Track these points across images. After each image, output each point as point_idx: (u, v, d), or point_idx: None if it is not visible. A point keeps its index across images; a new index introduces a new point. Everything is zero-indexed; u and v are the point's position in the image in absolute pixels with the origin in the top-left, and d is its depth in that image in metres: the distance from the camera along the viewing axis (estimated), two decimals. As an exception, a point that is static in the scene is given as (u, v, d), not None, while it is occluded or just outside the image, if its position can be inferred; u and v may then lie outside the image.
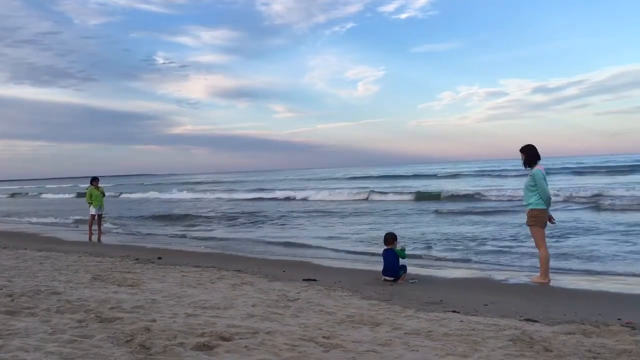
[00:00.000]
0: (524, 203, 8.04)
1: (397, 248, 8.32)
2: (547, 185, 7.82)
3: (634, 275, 8.25)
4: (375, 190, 32.92)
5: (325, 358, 3.62)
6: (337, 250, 11.96)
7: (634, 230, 12.63)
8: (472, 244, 11.96)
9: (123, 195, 49.51)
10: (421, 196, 28.12)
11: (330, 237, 14.13)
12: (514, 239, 12.15)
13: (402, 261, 8.20)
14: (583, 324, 5.10)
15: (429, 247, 11.75)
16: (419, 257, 10.46)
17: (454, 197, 26.71)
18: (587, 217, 16.06)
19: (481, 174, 51.60)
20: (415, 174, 58.94)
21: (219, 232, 16.81)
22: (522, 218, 8.46)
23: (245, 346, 3.81)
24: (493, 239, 12.45)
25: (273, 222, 19.23)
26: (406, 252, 8.43)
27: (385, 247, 8.34)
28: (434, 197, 27.76)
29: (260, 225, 18.39)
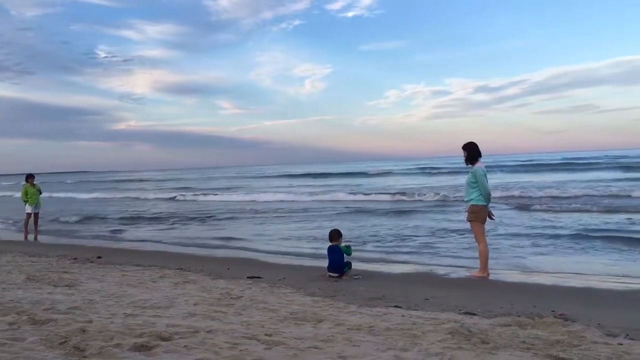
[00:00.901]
0: (465, 199, 8.24)
1: (342, 245, 8.38)
2: (487, 182, 8.03)
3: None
4: (303, 190, 32.34)
5: (266, 355, 3.59)
6: (278, 249, 11.88)
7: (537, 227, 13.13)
8: (410, 240, 12.13)
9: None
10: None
11: (269, 235, 14.01)
12: (453, 234, 12.41)
13: (347, 257, 8.26)
14: (519, 316, 5.27)
15: (366, 244, 11.82)
16: (364, 253, 10.52)
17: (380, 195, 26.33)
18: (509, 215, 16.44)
19: (417, 171, 52.18)
20: (348, 171, 59.01)
21: (154, 231, 16.32)
22: (443, 216, 8.63)
23: (185, 345, 3.75)
24: (431, 235, 12.68)
25: (211, 220, 18.76)
26: (351, 249, 8.49)
27: (330, 244, 8.38)
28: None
29: (197, 224, 17.89)
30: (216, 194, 33.16)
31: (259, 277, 7.90)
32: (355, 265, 8.45)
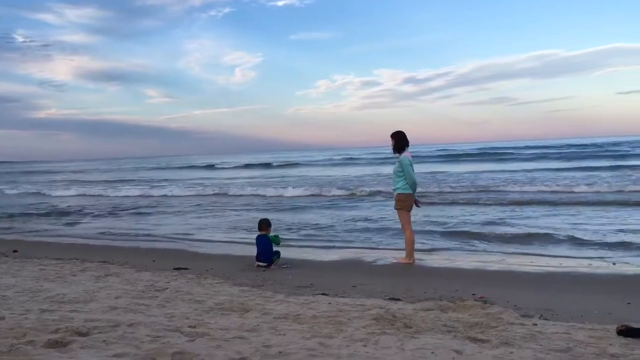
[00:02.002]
0: (393, 187, 8.38)
1: (271, 234, 8.34)
2: (413, 171, 8.19)
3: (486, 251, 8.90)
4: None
5: (189, 347, 3.52)
6: (207, 239, 11.66)
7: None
8: (339, 228, 12.24)
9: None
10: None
11: (195, 226, 13.73)
12: (381, 222, 12.61)
13: (275, 247, 8.24)
14: (441, 300, 5.43)
15: (296, 232, 11.83)
16: (292, 242, 10.52)
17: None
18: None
19: (329, 162, 52.12)
20: (262, 162, 58.03)
21: (75, 224, 15.54)
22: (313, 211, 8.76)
23: (104, 340, 3.61)
24: (361, 222, 12.85)
25: (134, 213, 17.87)
26: (280, 239, 8.47)
27: (259, 233, 8.32)
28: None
29: (120, 216, 17.02)
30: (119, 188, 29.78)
31: (185, 269, 7.75)
32: (285, 254, 8.43)
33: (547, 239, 9.66)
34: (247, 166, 53.76)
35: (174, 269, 7.74)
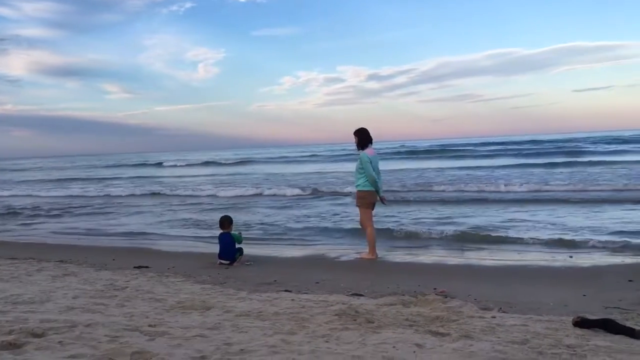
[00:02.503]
0: (354, 185, 8.40)
1: (234, 232, 8.28)
2: (372, 168, 8.11)
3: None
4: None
5: (148, 347, 3.46)
6: (169, 237, 11.49)
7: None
8: (299, 224, 12.24)
9: None
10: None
11: (155, 224, 13.52)
12: (344, 219, 12.64)
13: (238, 245, 8.17)
14: (403, 295, 5.48)
15: (259, 230, 11.77)
16: (255, 239, 10.46)
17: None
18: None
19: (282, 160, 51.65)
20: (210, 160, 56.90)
21: (31, 223, 15.20)
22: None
23: (60, 341, 3.52)
24: (322, 219, 12.87)
25: (93, 211, 17.43)
26: (242, 237, 8.40)
27: (222, 231, 8.25)
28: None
29: (78, 214, 16.56)
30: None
31: (146, 267, 7.62)
32: (248, 251, 8.38)
33: (503, 235, 9.83)
34: (207, 164, 52.52)
35: (135, 267, 7.61)
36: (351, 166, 9.82)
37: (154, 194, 22.57)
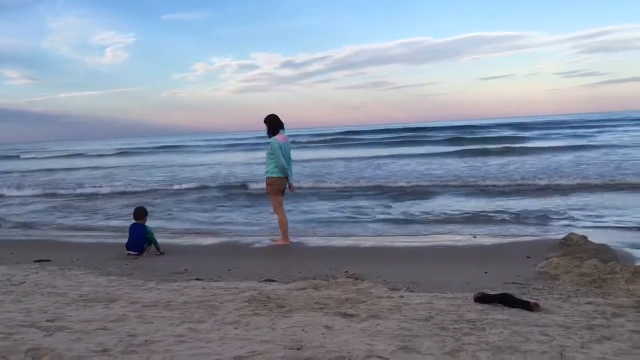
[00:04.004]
0: (265, 171, 8.32)
1: (147, 226, 7.97)
2: (282, 154, 8.04)
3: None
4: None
5: (46, 342, 3.28)
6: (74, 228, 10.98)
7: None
8: (214, 212, 12.07)
9: None
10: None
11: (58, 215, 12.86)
12: (256, 206, 12.58)
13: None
14: (315, 279, 5.51)
15: (174, 220, 11.51)
16: (165, 229, 10.17)
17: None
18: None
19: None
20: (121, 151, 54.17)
21: None
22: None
23: (-55, 342, 3.26)
24: (236, 206, 12.76)
25: None
26: (154, 235, 8.04)
27: (135, 222, 7.96)
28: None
29: None
30: None
31: (47, 260, 7.22)
32: (159, 240, 8.09)
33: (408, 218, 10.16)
34: (77, 156, 49.05)
35: (35, 261, 7.19)
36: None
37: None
